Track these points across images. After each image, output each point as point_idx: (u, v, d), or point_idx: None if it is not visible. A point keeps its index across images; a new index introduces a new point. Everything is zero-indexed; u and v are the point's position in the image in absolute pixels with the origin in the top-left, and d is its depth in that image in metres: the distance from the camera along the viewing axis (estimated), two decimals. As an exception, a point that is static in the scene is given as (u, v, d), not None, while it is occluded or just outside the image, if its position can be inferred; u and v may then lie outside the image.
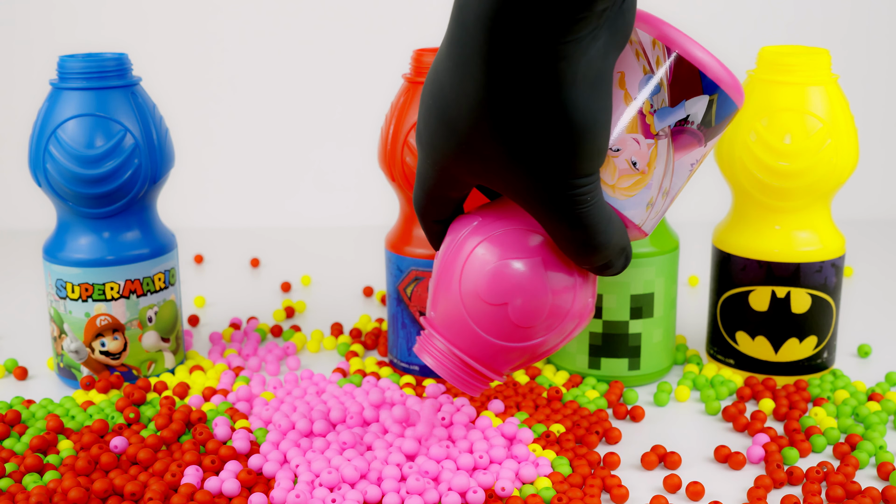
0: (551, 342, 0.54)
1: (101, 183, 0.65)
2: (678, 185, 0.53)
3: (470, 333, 0.53)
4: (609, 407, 0.67)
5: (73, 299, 0.67)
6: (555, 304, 0.53)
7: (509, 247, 0.52)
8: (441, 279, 0.54)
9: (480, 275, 0.52)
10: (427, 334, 0.55)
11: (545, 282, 0.52)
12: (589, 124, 0.46)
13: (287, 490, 0.54)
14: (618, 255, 0.51)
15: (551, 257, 0.52)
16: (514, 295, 0.52)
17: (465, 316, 0.53)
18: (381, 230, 1.07)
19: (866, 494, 0.55)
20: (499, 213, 0.54)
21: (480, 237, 0.53)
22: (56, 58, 0.85)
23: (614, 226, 0.50)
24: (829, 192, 0.67)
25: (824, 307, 0.68)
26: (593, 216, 0.49)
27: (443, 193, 0.53)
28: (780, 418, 0.65)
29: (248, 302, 0.88)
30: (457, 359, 0.54)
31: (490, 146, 0.47)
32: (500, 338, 0.53)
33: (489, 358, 0.54)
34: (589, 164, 0.47)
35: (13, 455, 0.59)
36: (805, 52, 0.66)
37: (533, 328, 0.53)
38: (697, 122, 0.51)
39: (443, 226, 0.55)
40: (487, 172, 0.49)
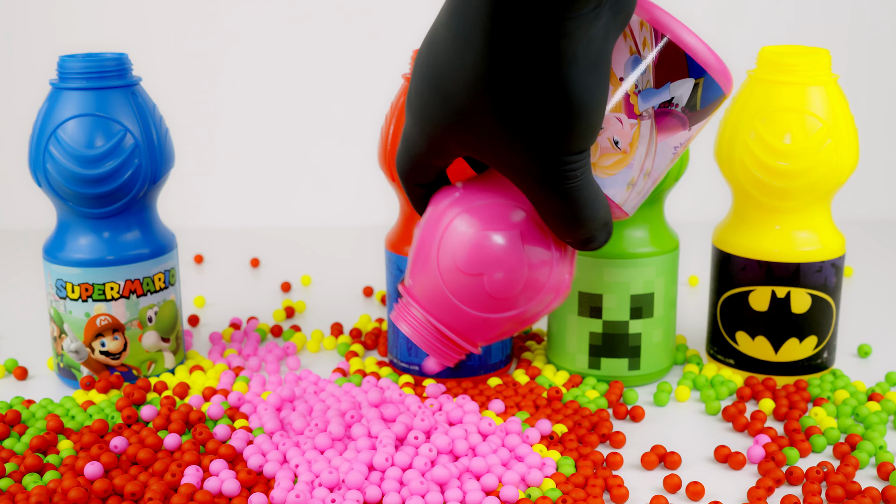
0: (527, 315, 0.54)
1: (101, 183, 0.65)
2: (661, 168, 0.53)
3: (446, 303, 0.53)
4: (609, 407, 0.67)
5: (73, 299, 0.67)
6: (531, 277, 0.53)
7: (489, 219, 0.52)
8: (420, 248, 0.54)
9: (458, 245, 0.52)
10: (404, 302, 0.55)
11: (522, 255, 0.52)
12: (586, 103, 0.46)
13: (287, 490, 0.54)
14: (601, 229, 0.52)
15: (530, 231, 0.52)
16: (491, 266, 0.52)
17: (441, 285, 0.53)
18: (381, 230, 1.07)
19: (866, 494, 0.55)
20: (481, 186, 0.54)
21: (461, 208, 0.53)
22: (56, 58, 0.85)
23: (600, 201, 0.51)
24: (829, 192, 0.67)
25: (824, 307, 0.68)
26: (582, 191, 0.49)
27: (428, 161, 0.53)
28: (780, 418, 0.65)
29: (248, 302, 0.88)
30: (433, 328, 0.54)
31: (485, 119, 0.47)
32: (475, 308, 0.53)
33: (465, 328, 0.54)
34: (583, 142, 0.47)
35: (13, 455, 0.59)
36: (805, 52, 0.66)
37: (508, 300, 0.53)
38: (682, 104, 0.51)
39: (425, 189, 0.55)
40: (479, 145, 0.49)
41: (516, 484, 0.56)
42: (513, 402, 0.66)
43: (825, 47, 0.69)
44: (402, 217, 0.70)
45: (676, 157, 0.54)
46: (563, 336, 0.70)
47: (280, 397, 0.65)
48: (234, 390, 0.68)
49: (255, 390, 0.68)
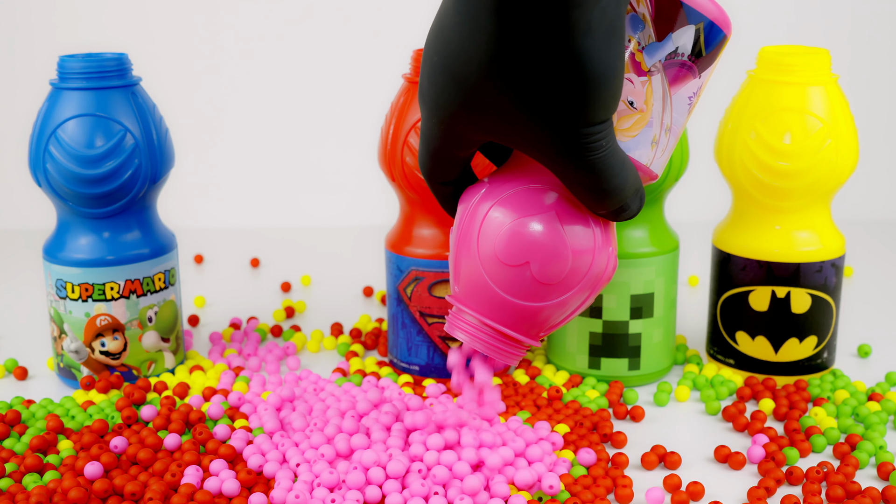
0: (579, 298, 0.53)
1: (101, 183, 0.65)
2: (679, 121, 0.53)
3: (497, 300, 0.52)
4: (609, 407, 0.67)
5: (73, 299, 0.67)
6: (576, 256, 0.52)
7: (521, 206, 0.52)
8: (459, 251, 0.53)
9: (497, 237, 0.52)
10: (455, 311, 0.55)
11: (562, 235, 0.51)
12: (603, 73, 0.45)
13: (287, 490, 0.54)
14: (633, 196, 0.51)
15: (565, 210, 0.52)
16: (534, 253, 0.51)
17: (488, 282, 0.52)
18: (381, 230, 1.07)
19: (866, 494, 0.55)
20: (507, 176, 0.53)
21: (492, 201, 0.52)
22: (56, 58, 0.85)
23: (628, 168, 0.50)
24: (829, 192, 0.67)
25: (824, 307, 0.68)
26: (608, 161, 0.48)
27: (449, 153, 0.52)
28: (780, 418, 0.65)
29: (248, 302, 0.88)
30: (489, 329, 0.53)
31: (501, 99, 0.46)
32: (527, 299, 0.52)
33: (521, 322, 0.53)
34: (604, 111, 0.47)
35: (13, 455, 0.59)
36: (805, 52, 0.66)
37: (558, 284, 0.52)
38: (687, 53, 0.51)
39: (451, 188, 0.55)
40: (497, 127, 0.48)
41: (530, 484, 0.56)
42: (513, 401, 0.66)
43: (825, 47, 0.69)
44: (402, 217, 0.70)
45: (693, 106, 0.53)
46: (563, 336, 0.70)
47: (280, 397, 0.65)
48: (234, 390, 0.68)
49: (255, 390, 0.68)
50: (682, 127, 0.53)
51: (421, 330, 0.69)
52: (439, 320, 0.68)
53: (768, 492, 0.57)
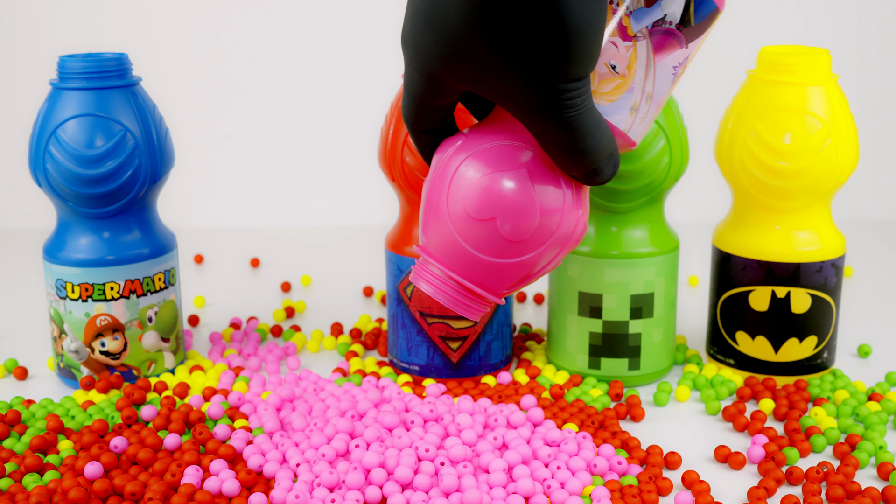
0: (545, 258, 0.53)
1: (101, 183, 0.65)
2: (662, 90, 0.52)
3: (462, 253, 0.52)
4: (613, 401, 0.67)
5: (73, 299, 0.67)
6: (544, 216, 0.51)
7: (494, 161, 0.51)
8: (430, 201, 0.53)
9: (467, 190, 0.51)
10: (422, 262, 0.54)
11: (532, 193, 0.51)
12: (582, 27, 0.45)
13: (287, 490, 0.54)
14: (606, 160, 0.51)
15: (538, 170, 0.51)
16: (502, 208, 0.51)
17: (455, 235, 0.52)
18: (381, 230, 1.07)
19: (866, 494, 0.55)
20: (483, 131, 0.53)
21: (465, 154, 0.52)
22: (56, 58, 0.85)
23: (602, 130, 0.50)
24: (829, 192, 0.67)
25: (824, 307, 0.68)
26: (583, 119, 0.48)
27: (430, 101, 0.52)
28: (780, 418, 0.65)
29: (248, 302, 0.88)
30: (453, 282, 0.53)
31: (481, 48, 0.46)
32: (492, 255, 0.52)
33: (485, 278, 0.53)
34: (581, 68, 0.47)
35: (13, 455, 0.59)
36: (805, 52, 0.66)
37: (524, 242, 0.52)
38: (675, 21, 0.51)
39: (432, 136, 0.54)
40: (476, 76, 0.48)
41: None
42: (515, 401, 0.66)
43: (825, 47, 0.69)
44: (402, 217, 0.70)
45: (678, 77, 0.53)
46: (563, 336, 0.70)
47: (280, 397, 0.65)
48: (234, 390, 0.68)
49: (255, 390, 0.68)
50: (666, 96, 0.53)
51: (421, 330, 0.69)
52: (439, 320, 0.68)
53: (768, 492, 0.57)
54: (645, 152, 0.65)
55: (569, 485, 0.56)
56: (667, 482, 0.57)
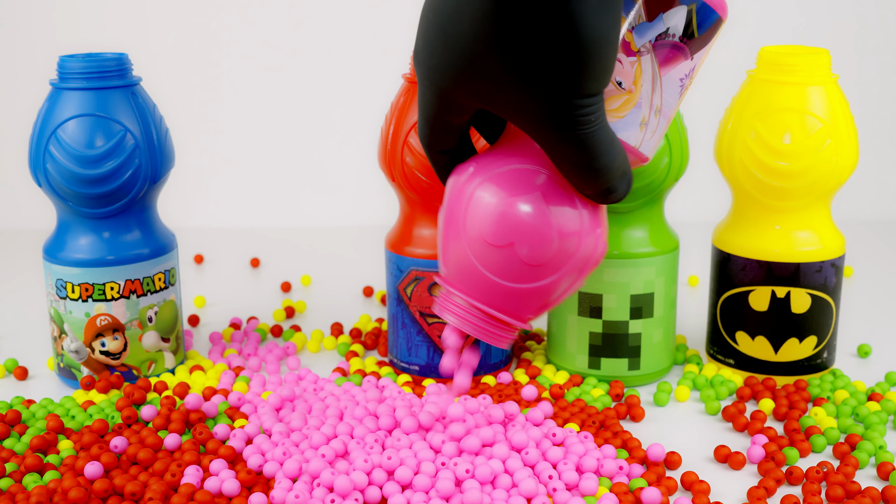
0: (567, 279, 0.53)
1: (102, 183, 0.65)
2: (670, 103, 0.52)
3: (484, 282, 0.52)
4: (616, 399, 0.67)
5: (73, 299, 0.67)
6: (563, 238, 0.51)
7: (508, 185, 0.51)
8: (447, 231, 0.53)
9: (483, 217, 0.51)
10: (445, 293, 0.54)
11: (548, 216, 0.51)
12: (597, 41, 0.45)
13: (287, 490, 0.54)
14: (620, 178, 0.50)
15: (552, 191, 0.51)
16: (519, 233, 0.51)
17: (474, 263, 0.52)
18: (381, 230, 1.07)
19: (866, 494, 0.55)
20: (496, 155, 0.53)
21: (478, 180, 0.52)
22: (56, 58, 0.85)
23: (616, 148, 0.50)
24: (829, 192, 0.67)
25: (824, 307, 0.68)
26: (597, 137, 0.48)
27: (444, 119, 0.51)
28: (780, 418, 0.65)
29: (248, 302, 0.88)
30: (478, 311, 0.53)
31: (494, 64, 0.46)
32: (513, 280, 0.52)
33: (508, 304, 0.52)
34: (596, 84, 0.46)
35: (13, 455, 0.59)
36: (805, 52, 0.66)
37: (545, 265, 0.51)
38: (678, 34, 0.51)
39: (449, 157, 0.54)
40: (490, 92, 0.48)
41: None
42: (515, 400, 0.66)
43: (825, 47, 0.69)
44: (402, 217, 0.70)
45: (685, 89, 0.52)
46: (563, 336, 0.70)
47: (280, 397, 0.65)
48: (234, 390, 0.68)
49: (256, 390, 0.68)
50: (675, 109, 0.53)
51: (421, 330, 0.69)
52: (439, 320, 0.68)
53: (768, 492, 0.57)
54: (645, 152, 0.65)
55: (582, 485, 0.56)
56: (671, 481, 0.57)
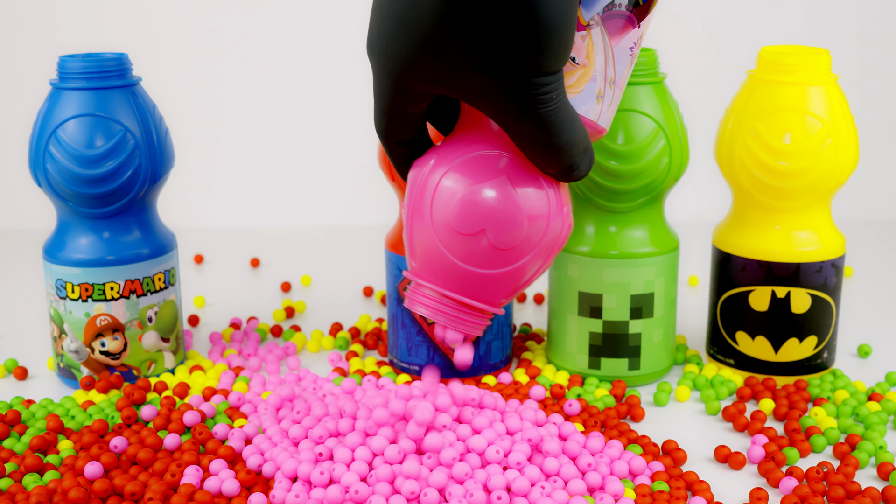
0: (537, 261, 0.53)
1: (102, 183, 0.65)
2: (622, 72, 0.52)
3: (455, 271, 0.52)
4: (620, 400, 0.67)
5: (73, 299, 0.67)
6: (532, 219, 0.51)
7: (472, 173, 0.51)
8: (413, 224, 0.53)
9: (451, 207, 0.51)
10: (414, 286, 0.54)
11: (516, 198, 0.51)
12: (555, 20, 0.45)
13: (286, 490, 0.54)
14: (582, 154, 0.51)
15: (517, 172, 0.51)
16: (489, 219, 0.51)
17: (445, 254, 0.52)
18: (381, 230, 1.07)
19: (866, 494, 0.55)
20: (454, 145, 0.52)
21: (442, 170, 0.52)
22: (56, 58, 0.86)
23: (577, 124, 0.50)
24: (829, 192, 0.67)
25: (824, 307, 0.68)
26: (559, 115, 0.48)
27: (402, 108, 0.51)
28: (780, 418, 0.65)
29: (248, 302, 0.88)
30: (450, 301, 0.53)
31: (453, 46, 0.46)
32: (486, 267, 0.52)
33: (482, 291, 0.53)
34: (555, 61, 0.46)
35: (13, 455, 0.59)
36: (805, 52, 0.66)
37: (516, 249, 0.52)
38: (625, 3, 0.51)
39: (407, 149, 0.54)
40: (449, 76, 0.47)
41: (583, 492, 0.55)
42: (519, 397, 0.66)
43: (825, 47, 0.69)
44: (402, 217, 0.70)
45: (634, 57, 0.52)
46: (563, 336, 0.70)
47: (280, 397, 0.65)
48: (234, 390, 0.68)
49: (256, 390, 0.68)
50: (626, 78, 0.53)
51: (421, 330, 0.69)
52: (439, 320, 0.68)
53: (768, 492, 0.57)
54: (645, 152, 0.65)
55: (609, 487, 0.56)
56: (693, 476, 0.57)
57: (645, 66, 0.66)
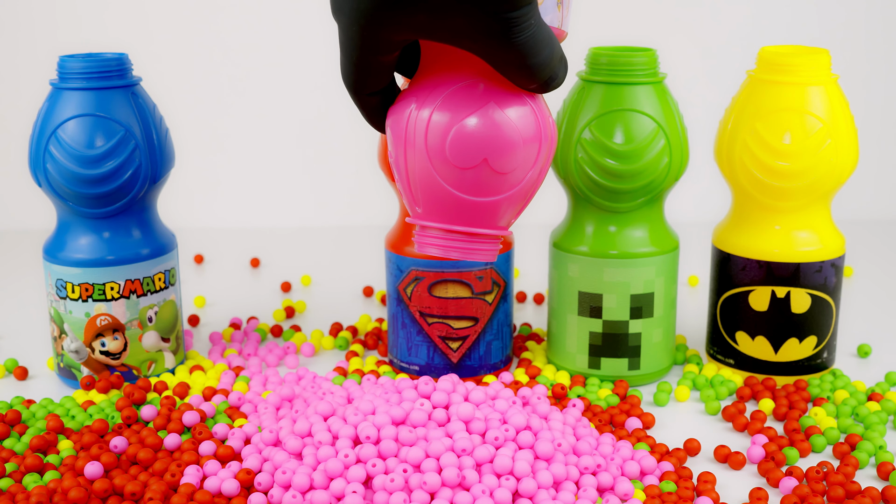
0: (537, 171, 0.53)
1: (102, 183, 0.65)
2: None
3: (463, 205, 0.52)
4: (622, 398, 0.67)
5: (73, 299, 0.67)
6: (525, 134, 0.52)
7: (459, 106, 0.51)
8: (409, 168, 0.53)
9: (448, 144, 0.51)
10: (420, 230, 0.54)
11: (508, 120, 0.51)
12: None
13: (285, 490, 0.54)
14: (559, 64, 0.51)
15: (500, 95, 0.52)
16: (490, 147, 0.51)
17: (450, 191, 0.52)
18: (381, 230, 1.07)
19: (866, 494, 0.55)
20: (428, 85, 0.52)
21: (428, 110, 0.52)
22: (57, 58, 0.86)
23: (552, 39, 0.50)
24: (828, 192, 0.67)
25: (824, 307, 0.68)
26: (536, 37, 0.49)
27: (374, 59, 0.51)
28: (780, 418, 0.65)
29: (248, 302, 0.88)
30: (459, 234, 0.53)
31: None
32: (492, 194, 0.52)
33: (490, 217, 0.53)
34: None
35: (13, 455, 0.59)
36: (805, 52, 0.66)
37: (518, 169, 0.52)
38: None
39: (380, 97, 0.54)
40: (421, 19, 0.48)
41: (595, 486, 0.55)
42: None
43: (825, 47, 0.69)
44: (402, 217, 0.70)
45: None
46: (563, 336, 0.70)
47: (280, 397, 0.65)
48: (235, 390, 0.68)
49: (256, 390, 0.68)
50: None
51: (421, 330, 0.69)
52: (439, 320, 0.68)
53: (768, 492, 0.57)
54: (645, 152, 0.65)
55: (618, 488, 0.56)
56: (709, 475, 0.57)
57: (645, 66, 0.66)
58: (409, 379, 0.61)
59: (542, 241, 0.92)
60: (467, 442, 0.54)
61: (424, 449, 0.54)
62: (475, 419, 0.56)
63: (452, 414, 0.57)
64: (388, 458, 0.55)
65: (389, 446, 0.54)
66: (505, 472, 0.54)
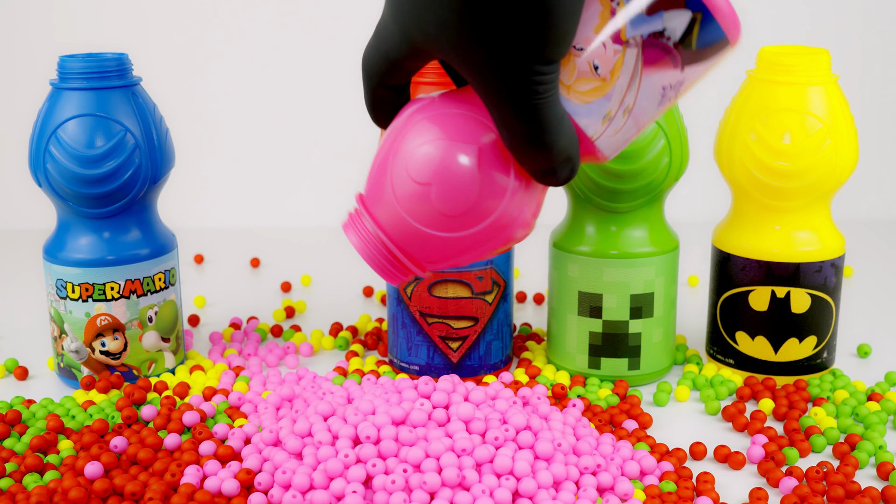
0: (476, 244, 0.51)
1: (102, 183, 0.65)
2: (645, 108, 0.49)
3: (395, 214, 0.50)
4: (622, 398, 0.67)
5: (73, 299, 0.67)
6: (483, 199, 0.49)
7: (452, 129, 0.50)
8: (379, 153, 0.51)
9: (414, 150, 0.50)
10: (357, 212, 0.52)
11: (476, 172, 0.49)
12: (558, 6, 0.44)
13: (285, 490, 0.54)
14: (563, 162, 0.49)
15: (492, 152, 0.49)
16: (440, 176, 0.49)
17: (392, 194, 0.50)
18: (381, 230, 1.07)
19: (866, 494, 0.55)
20: (455, 98, 0.51)
21: (427, 114, 0.50)
22: (56, 58, 0.86)
23: (564, 128, 0.48)
24: (828, 192, 0.67)
25: (824, 307, 0.69)
26: (545, 111, 0.47)
27: (402, 62, 0.50)
28: (780, 418, 0.65)
29: (248, 302, 0.88)
30: (381, 244, 0.51)
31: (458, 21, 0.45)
32: (422, 223, 0.50)
33: (412, 245, 0.51)
34: (553, 51, 0.46)
35: (13, 455, 0.59)
36: (805, 52, 0.66)
37: (456, 218, 0.50)
38: (675, 39, 0.48)
39: (389, 92, 0.53)
40: (450, 48, 0.47)
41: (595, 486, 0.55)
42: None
43: (825, 47, 0.69)
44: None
45: (667, 101, 0.50)
46: (563, 336, 0.70)
47: (280, 396, 0.65)
48: (235, 390, 0.68)
49: (256, 390, 0.68)
50: (649, 117, 0.50)
51: (421, 330, 0.69)
52: (439, 320, 0.68)
53: (768, 492, 0.57)
54: (645, 152, 0.65)
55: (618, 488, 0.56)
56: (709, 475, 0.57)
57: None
58: (409, 379, 0.61)
59: (542, 241, 0.92)
60: (467, 442, 0.54)
61: (424, 449, 0.54)
62: (475, 419, 0.56)
63: (452, 414, 0.57)
64: (388, 458, 0.55)
65: (389, 446, 0.55)
66: (505, 472, 0.54)
